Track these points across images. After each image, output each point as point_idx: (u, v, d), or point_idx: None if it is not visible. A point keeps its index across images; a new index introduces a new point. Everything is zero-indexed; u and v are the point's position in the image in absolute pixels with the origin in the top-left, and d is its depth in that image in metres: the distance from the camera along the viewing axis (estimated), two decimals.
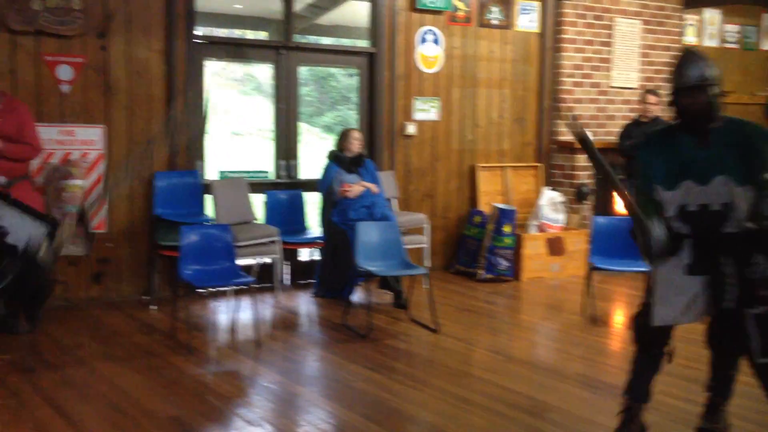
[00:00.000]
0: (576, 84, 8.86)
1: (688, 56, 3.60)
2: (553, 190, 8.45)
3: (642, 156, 3.71)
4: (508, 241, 7.74)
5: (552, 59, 8.80)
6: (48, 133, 6.06)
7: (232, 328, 5.99)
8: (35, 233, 2.89)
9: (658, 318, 3.59)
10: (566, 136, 8.79)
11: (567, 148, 8.76)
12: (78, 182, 6.13)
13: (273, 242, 6.68)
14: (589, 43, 8.90)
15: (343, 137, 6.99)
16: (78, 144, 6.36)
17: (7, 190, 5.21)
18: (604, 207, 8.95)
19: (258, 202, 7.18)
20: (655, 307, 3.59)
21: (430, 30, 8.03)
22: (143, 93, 6.61)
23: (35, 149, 5.58)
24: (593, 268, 6.41)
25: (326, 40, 8.92)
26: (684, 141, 3.59)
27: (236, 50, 7.49)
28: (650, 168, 3.64)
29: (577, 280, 7.59)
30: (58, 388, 4.57)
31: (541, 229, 8.13)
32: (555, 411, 4.39)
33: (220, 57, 7.45)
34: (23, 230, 3.14)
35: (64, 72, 6.25)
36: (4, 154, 5.34)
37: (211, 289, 6.80)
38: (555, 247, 8.06)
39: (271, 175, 7.47)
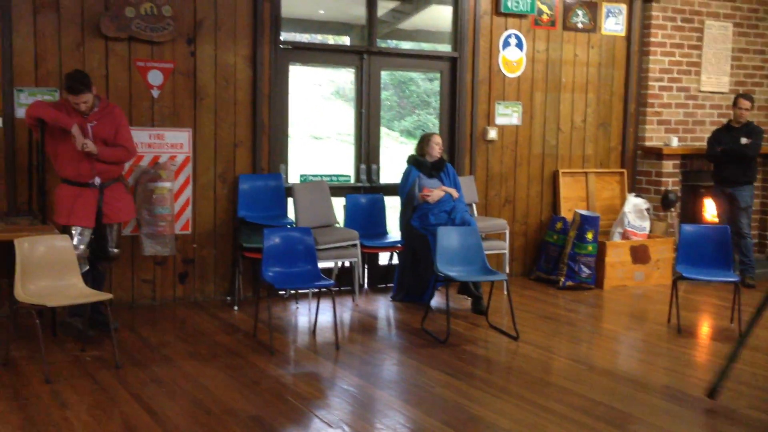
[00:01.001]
0: (663, 88, 8.65)
1: None
2: (638, 196, 8.26)
3: None
4: (590, 248, 7.60)
5: (639, 63, 8.61)
6: (139, 137, 6.25)
7: (312, 330, 6.05)
8: None
9: None
10: (652, 141, 8.59)
11: (653, 154, 8.55)
12: (167, 184, 6.29)
13: (353, 246, 6.73)
14: (678, 46, 8.67)
15: (424, 141, 6.99)
16: (167, 147, 6.54)
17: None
18: (691, 214, 8.71)
19: (338, 206, 7.25)
20: None
21: (514, 34, 7.96)
22: (229, 97, 6.75)
23: (130, 152, 5.74)
24: (679, 277, 6.24)
25: (407, 45, 8.94)
26: None
27: (320, 55, 7.59)
28: None
29: (662, 289, 7.40)
30: (145, 385, 4.71)
31: (626, 236, 7.96)
32: (638, 423, 4.28)
33: (304, 62, 7.55)
34: None
35: (155, 77, 6.44)
36: (101, 157, 5.51)
37: (291, 291, 6.90)
38: (639, 255, 7.88)
39: (352, 179, 7.53)
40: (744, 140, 7.81)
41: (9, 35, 5.91)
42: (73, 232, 5.50)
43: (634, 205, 8.06)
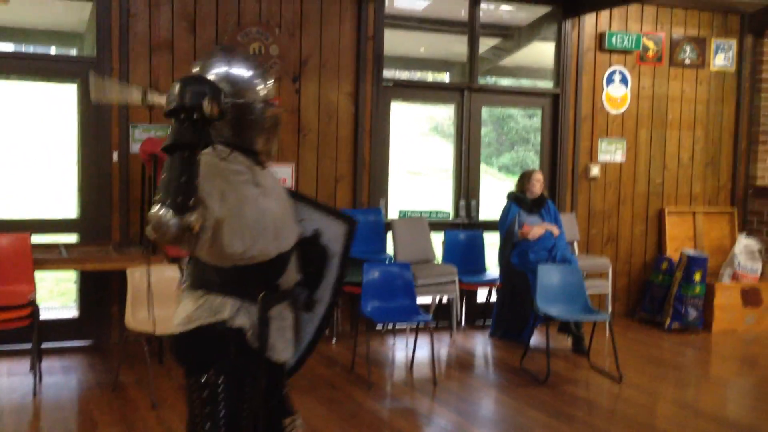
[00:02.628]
0: None
1: None
2: (750, 237, 7.93)
3: None
4: (698, 289, 7.34)
5: (750, 99, 8.34)
6: None
7: (410, 366, 6.04)
8: (334, 233, 2.68)
9: None
10: (765, 180, 8.27)
11: (765, 193, 8.22)
12: None
13: (451, 282, 6.70)
14: None
15: (525, 178, 6.93)
16: None
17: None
18: None
19: (437, 242, 7.25)
20: None
21: (618, 70, 7.85)
22: (331, 133, 6.89)
23: None
24: None
25: (506, 81, 8.92)
26: None
27: (421, 92, 7.66)
28: None
29: None
30: None
31: (736, 278, 7.65)
32: None
33: (405, 98, 7.64)
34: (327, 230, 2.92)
35: None
36: None
37: (389, 326, 6.91)
38: (751, 297, 7.55)
39: (451, 215, 7.52)
40: None
41: (126, 74, 6.21)
42: (182, 264, 5.69)
43: (745, 245, 7.75)
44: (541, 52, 8.03)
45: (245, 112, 2.52)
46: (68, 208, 6.72)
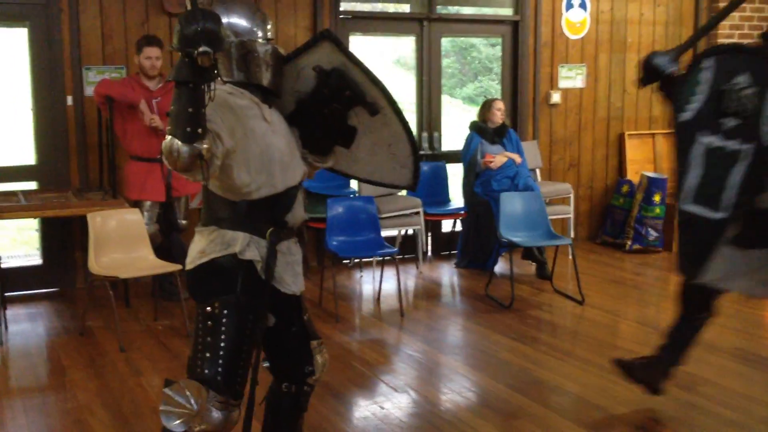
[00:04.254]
0: None
1: None
2: None
3: None
4: (658, 210, 7.46)
5: (708, 20, 8.34)
6: None
7: (377, 298, 6.10)
8: (326, 55, 2.75)
9: None
10: None
11: None
12: None
13: (416, 213, 6.74)
14: (749, 1, 8.35)
15: (486, 108, 6.92)
16: None
17: None
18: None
19: None
20: None
21: None
22: None
23: None
24: None
25: (468, 10, 8.81)
26: None
27: (380, 24, 7.56)
28: None
29: None
30: None
31: None
32: (709, 385, 4.23)
33: (365, 31, 7.53)
34: None
35: None
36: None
37: (356, 260, 6.97)
38: None
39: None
40: None
41: (76, 16, 6.05)
42: (144, 208, 5.66)
43: None
44: None
45: (249, 51, 2.63)
46: (26, 154, 6.61)
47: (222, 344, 2.62)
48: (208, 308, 2.63)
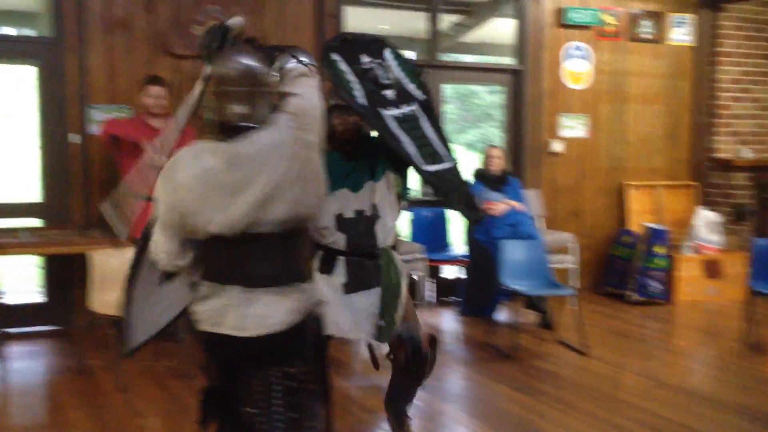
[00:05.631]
0: (734, 99, 8.45)
1: None
2: (710, 209, 8.06)
3: None
4: (660, 262, 7.45)
5: (707, 73, 8.44)
6: None
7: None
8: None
9: None
10: (723, 153, 8.39)
11: (724, 166, 8.35)
12: None
13: (417, 259, 6.72)
14: (748, 56, 8.47)
15: (484, 155, 6.96)
16: None
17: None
18: (765, 228, 8.46)
19: (403, 219, 7.25)
20: None
21: (578, 45, 7.89)
22: None
23: None
24: (754, 293, 6.06)
25: (470, 58, 8.92)
26: None
27: None
28: None
29: (736, 305, 7.18)
30: None
31: (697, 250, 7.77)
32: None
33: None
34: None
35: None
36: None
37: None
38: (712, 269, 7.69)
39: (416, 193, 7.53)
40: None
41: (84, 55, 6.09)
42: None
43: (705, 218, 7.88)
44: (502, 28, 8.04)
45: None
46: (31, 191, 6.63)
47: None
48: (295, 368, 2.59)
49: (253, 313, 2.52)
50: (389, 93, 3.69)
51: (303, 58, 2.79)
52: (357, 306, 3.63)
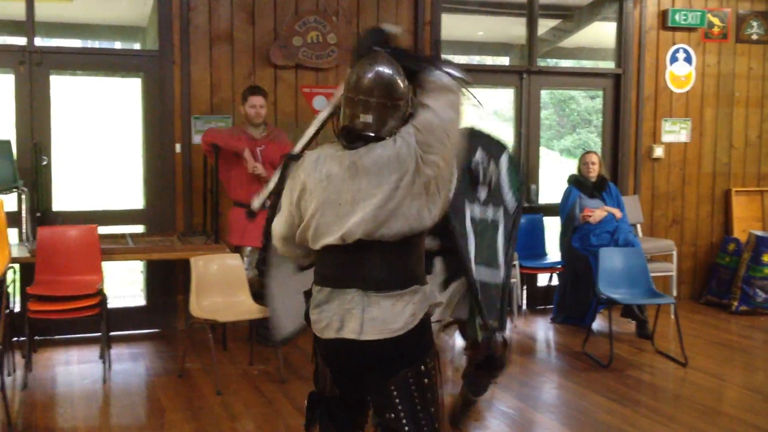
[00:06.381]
0: None
1: None
2: None
3: None
4: (767, 271, 7.14)
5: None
6: None
7: None
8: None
9: None
10: None
11: None
12: None
13: (512, 267, 6.65)
14: None
15: (581, 161, 6.84)
16: None
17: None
18: None
19: None
20: None
21: (682, 48, 7.66)
22: None
23: None
24: None
25: (567, 63, 8.79)
26: None
27: (479, 76, 7.59)
28: None
29: None
30: None
31: None
32: None
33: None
34: None
35: (320, 102, 6.67)
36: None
37: None
38: None
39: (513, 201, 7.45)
40: None
41: (188, 68, 6.31)
42: (244, 253, 5.79)
43: None
44: (602, 32, 7.89)
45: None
46: (135, 199, 6.89)
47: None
48: (424, 365, 2.63)
49: (374, 317, 2.52)
50: (482, 191, 3.70)
51: (451, 71, 2.69)
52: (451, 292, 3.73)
